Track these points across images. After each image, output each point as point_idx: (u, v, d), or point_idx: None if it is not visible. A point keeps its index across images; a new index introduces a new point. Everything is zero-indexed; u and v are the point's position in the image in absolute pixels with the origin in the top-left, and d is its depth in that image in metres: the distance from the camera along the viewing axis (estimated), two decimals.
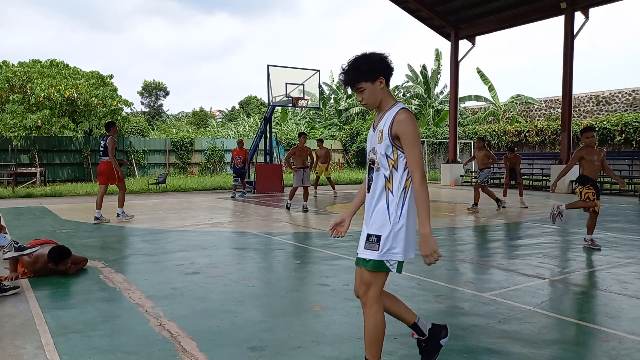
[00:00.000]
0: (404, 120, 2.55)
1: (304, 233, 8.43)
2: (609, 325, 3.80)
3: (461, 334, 3.58)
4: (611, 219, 9.77)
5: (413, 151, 2.55)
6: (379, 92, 2.62)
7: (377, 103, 2.66)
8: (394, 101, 2.68)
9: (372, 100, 2.63)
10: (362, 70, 2.57)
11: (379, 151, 2.63)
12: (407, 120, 2.55)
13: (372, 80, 2.58)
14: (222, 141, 27.21)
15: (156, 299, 4.44)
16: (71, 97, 21.90)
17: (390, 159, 2.60)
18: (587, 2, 16.85)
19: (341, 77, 2.66)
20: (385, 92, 2.64)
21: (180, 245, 7.15)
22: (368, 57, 2.60)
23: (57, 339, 3.51)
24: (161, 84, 60.59)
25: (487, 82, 27.51)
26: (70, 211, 11.55)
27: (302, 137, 11.87)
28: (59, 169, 22.28)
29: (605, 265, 5.85)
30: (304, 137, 11.88)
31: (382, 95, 2.64)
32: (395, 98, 2.71)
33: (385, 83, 2.62)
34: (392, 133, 2.57)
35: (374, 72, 2.58)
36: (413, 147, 2.55)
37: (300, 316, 4.03)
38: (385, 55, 2.62)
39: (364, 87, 2.60)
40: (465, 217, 10.58)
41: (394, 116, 2.58)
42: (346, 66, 2.64)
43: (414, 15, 21.87)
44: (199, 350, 3.28)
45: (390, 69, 2.64)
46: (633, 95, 23.41)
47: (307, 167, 11.65)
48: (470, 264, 5.93)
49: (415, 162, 2.55)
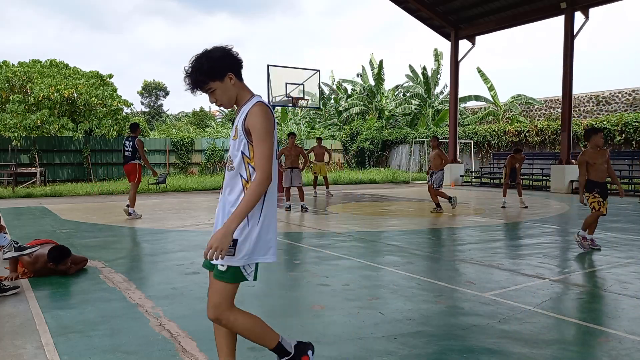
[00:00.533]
0: (255, 112, 2.36)
1: (303, 233, 8.43)
2: (609, 325, 3.81)
3: (461, 334, 3.58)
4: (611, 219, 9.77)
5: (261, 147, 2.34)
6: (231, 89, 2.43)
7: (233, 100, 2.48)
8: (251, 94, 2.49)
9: (226, 99, 2.45)
10: (206, 71, 2.36)
11: (233, 147, 2.45)
12: (259, 112, 2.36)
13: (220, 78, 2.39)
14: (222, 141, 27.21)
15: (156, 299, 4.44)
16: (71, 97, 21.90)
17: (246, 157, 2.40)
18: (587, 2, 16.85)
19: (186, 81, 2.41)
20: (238, 87, 2.46)
21: (180, 245, 7.15)
22: (210, 55, 2.39)
23: (57, 339, 3.51)
24: (161, 84, 60.58)
25: (488, 81, 27.51)
26: (70, 211, 11.55)
27: (291, 137, 11.95)
28: (59, 169, 22.28)
29: (605, 265, 5.85)
30: (293, 137, 11.96)
31: (236, 91, 2.45)
32: (252, 92, 2.52)
33: (236, 77, 2.43)
34: (245, 127, 2.38)
35: (220, 69, 2.38)
36: (262, 142, 2.34)
37: (300, 316, 4.03)
38: (229, 49, 2.42)
39: (214, 88, 2.41)
40: (465, 217, 10.58)
41: (249, 110, 2.40)
42: (188, 68, 2.40)
43: (414, 15, 21.87)
44: (199, 350, 3.28)
45: (238, 61, 2.44)
46: (633, 95, 23.41)
47: (296, 167, 11.68)
48: (470, 264, 5.93)
49: (262, 159, 2.33)
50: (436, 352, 3.27)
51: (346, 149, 31.04)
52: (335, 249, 6.79)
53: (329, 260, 6.08)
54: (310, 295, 4.67)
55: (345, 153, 31.05)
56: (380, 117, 32.63)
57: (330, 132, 33.58)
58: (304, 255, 6.52)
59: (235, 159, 2.43)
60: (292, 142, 11.77)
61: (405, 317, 3.95)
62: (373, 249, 7.05)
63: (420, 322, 3.85)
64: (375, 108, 32.97)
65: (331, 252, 6.61)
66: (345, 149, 31.08)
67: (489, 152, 24.23)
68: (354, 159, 30.70)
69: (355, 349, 3.30)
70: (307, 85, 17.72)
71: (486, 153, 24.43)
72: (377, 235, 8.22)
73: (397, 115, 32.95)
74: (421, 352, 3.26)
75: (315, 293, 4.73)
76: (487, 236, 8.13)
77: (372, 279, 5.27)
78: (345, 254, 6.45)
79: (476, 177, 22.32)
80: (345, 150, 31.07)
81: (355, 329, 3.69)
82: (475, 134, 24.90)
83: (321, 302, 4.40)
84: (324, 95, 34.45)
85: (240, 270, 2.39)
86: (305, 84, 17.58)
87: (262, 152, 2.33)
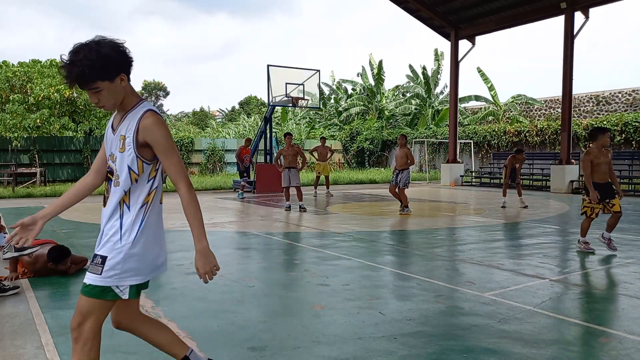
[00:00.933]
0: (153, 125, 2.13)
1: (303, 233, 8.43)
2: (609, 325, 3.81)
3: (461, 334, 3.58)
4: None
5: (171, 158, 2.16)
6: (120, 91, 2.13)
7: (118, 103, 2.17)
8: (138, 99, 2.22)
9: (112, 101, 2.14)
10: (97, 69, 2.02)
11: (119, 161, 2.18)
12: (156, 124, 2.13)
13: (110, 79, 2.07)
14: (223, 141, 27.21)
15: (156, 299, 4.44)
16: (71, 97, 21.91)
17: (133, 172, 2.17)
18: (587, 2, 16.84)
19: (66, 73, 2.04)
20: (127, 89, 2.17)
21: (180, 245, 7.15)
22: (101, 50, 2.03)
23: (57, 339, 3.51)
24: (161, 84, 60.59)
25: (488, 81, 27.52)
26: (70, 211, 11.54)
27: (288, 137, 11.94)
28: (59, 169, 22.28)
29: (605, 265, 5.85)
30: (290, 137, 11.94)
31: (123, 94, 2.16)
32: (139, 94, 2.25)
33: (127, 79, 2.15)
34: (138, 141, 2.14)
35: (112, 69, 2.07)
36: (170, 153, 2.16)
37: (300, 316, 4.03)
38: (123, 45, 2.11)
39: (101, 88, 2.07)
40: (465, 217, 10.58)
41: (139, 120, 2.14)
42: (71, 59, 2.03)
43: (414, 15, 21.86)
44: (199, 350, 3.27)
45: (131, 60, 2.14)
46: (633, 95, 23.41)
47: (294, 167, 11.68)
48: (470, 264, 5.93)
49: (177, 170, 2.17)
50: (436, 352, 3.27)
51: (346, 149, 31.05)
52: (335, 249, 6.79)
53: (329, 260, 6.08)
54: (310, 295, 4.67)
55: (345, 153, 31.05)
56: (380, 117, 32.64)
57: (330, 132, 33.59)
58: (304, 255, 6.52)
59: (122, 174, 2.17)
60: (289, 142, 11.77)
61: (405, 317, 3.95)
62: (373, 249, 7.05)
63: (420, 322, 3.85)
64: (375, 108, 32.98)
65: (331, 252, 6.61)
66: (345, 149, 31.09)
67: (489, 152, 24.23)
68: (354, 159, 30.71)
69: (355, 349, 3.30)
70: (307, 85, 17.73)
71: (486, 153, 24.43)
72: (377, 235, 8.22)
73: (397, 115, 32.95)
74: (421, 352, 3.26)
75: (315, 293, 4.73)
76: (487, 236, 8.12)
77: (372, 279, 5.27)
78: (345, 254, 6.45)
79: (476, 177, 22.31)
80: (345, 150, 31.08)
81: (355, 329, 3.69)
82: (475, 134, 24.90)
83: (321, 302, 4.40)
84: (324, 95, 34.44)
85: (110, 288, 2.17)
86: (305, 84, 17.59)
87: (177, 162, 2.18)
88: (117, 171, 2.18)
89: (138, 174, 2.17)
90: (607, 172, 6.48)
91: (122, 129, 2.18)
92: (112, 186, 2.20)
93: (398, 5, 21.33)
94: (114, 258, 2.15)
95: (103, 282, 2.16)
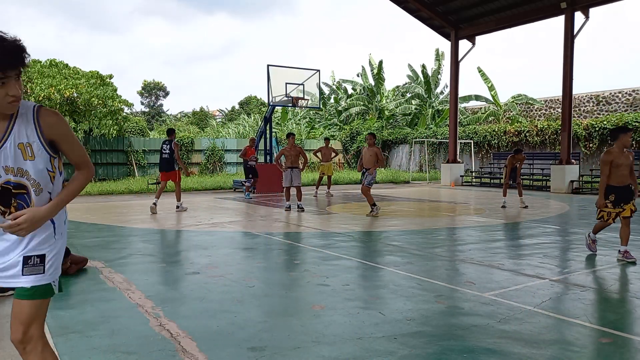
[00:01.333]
0: (56, 120, 2.07)
1: (304, 233, 8.43)
2: (609, 325, 3.80)
3: (461, 334, 3.58)
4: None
5: (78, 147, 2.17)
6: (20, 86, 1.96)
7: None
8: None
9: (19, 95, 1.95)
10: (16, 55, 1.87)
11: (34, 169, 2.05)
12: (58, 117, 2.08)
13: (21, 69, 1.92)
14: (223, 141, 27.21)
15: (156, 299, 4.44)
16: (71, 97, 21.91)
17: (50, 172, 2.12)
18: (587, 2, 16.85)
19: None
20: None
21: (180, 245, 7.15)
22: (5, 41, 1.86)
23: (57, 339, 3.51)
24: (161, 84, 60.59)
25: (488, 81, 27.52)
26: (70, 211, 11.55)
27: (290, 137, 12.03)
28: None
29: (605, 265, 5.84)
30: (292, 137, 12.03)
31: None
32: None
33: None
34: (46, 141, 2.06)
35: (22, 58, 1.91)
36: (76, 142, 2.16)
37: (300, 316, 4.03)
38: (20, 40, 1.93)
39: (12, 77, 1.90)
40: (465, 217, 10.58)
41: (36, 120, 2.03)
42: None
43: (414, 15, 21.87)
44: (198, 350, 3.28)
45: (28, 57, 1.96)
46: (633, 95, 23.42)
47: (296, 167, 11.72)
48: (470, 264, 5.93)
49: (85, 156, 2.21)
50: (436, 352, 3.27)
51: (346, 149, 31.05)
52: (335, 249, 6.78)
53: (329, 260, 6.08)
54: (310, 295, 4.67)
55: (345, 153, 31.06)
56: (380, 117, 32.63)
57: (330, 132, 33.60)
58: (304, 255, 6.52)
59: (42, 180, 2.09)
60: (292, 142, 11.83)
61: (405, 317, 3.95)
62: (373, 249, 7.05)
63: (420, 322, 3.85)
64: (375, 108, 32.98)
65: (331, 252, 6.61)
66: (345, 149, 31.09)
67: (489, 152, 24.23)
68: (354, 159, 30.71)
69: (355, 349, 3.30)
70: (307, 85, 17.74)
71: (486, 153, 24.43)
72: (377, 235, 8.22)
73: (397, 115, 32.95)
74: (421, 352, 3.26)
75: (315, 293, 4.73)
76: (487, 236, 8.12)
77: (372, 279, 5.27)
78: (345, 254, 6.45)
79: (476, 177, 22.32)
80: (345, 150, 31.08)
81: (355, 329, 3.69)
82: (475, 134, 24.90)
83: (321, 302, 4.40)
84: (324, 95, 34.45)
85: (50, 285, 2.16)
86: (305, 84, 17.60)
87: (82, 150, 2.19)
88: (36, 180, 2.07)
89: (53, 171, 2.14)
90: (627, 175, 6.05)
91: (17, 136, 2.00)
92: (34, 197, 2.08)
93: (398, 5, 21.34)
94: (50, 253, 2.15)
95: (49, 279, 2.14)
